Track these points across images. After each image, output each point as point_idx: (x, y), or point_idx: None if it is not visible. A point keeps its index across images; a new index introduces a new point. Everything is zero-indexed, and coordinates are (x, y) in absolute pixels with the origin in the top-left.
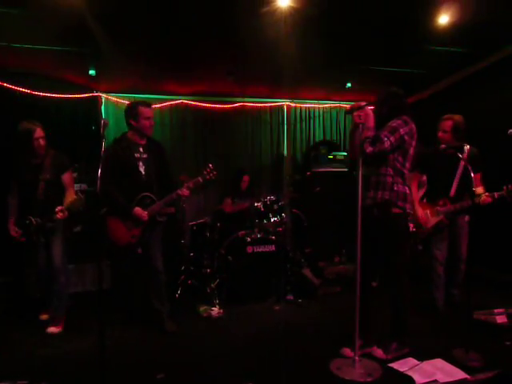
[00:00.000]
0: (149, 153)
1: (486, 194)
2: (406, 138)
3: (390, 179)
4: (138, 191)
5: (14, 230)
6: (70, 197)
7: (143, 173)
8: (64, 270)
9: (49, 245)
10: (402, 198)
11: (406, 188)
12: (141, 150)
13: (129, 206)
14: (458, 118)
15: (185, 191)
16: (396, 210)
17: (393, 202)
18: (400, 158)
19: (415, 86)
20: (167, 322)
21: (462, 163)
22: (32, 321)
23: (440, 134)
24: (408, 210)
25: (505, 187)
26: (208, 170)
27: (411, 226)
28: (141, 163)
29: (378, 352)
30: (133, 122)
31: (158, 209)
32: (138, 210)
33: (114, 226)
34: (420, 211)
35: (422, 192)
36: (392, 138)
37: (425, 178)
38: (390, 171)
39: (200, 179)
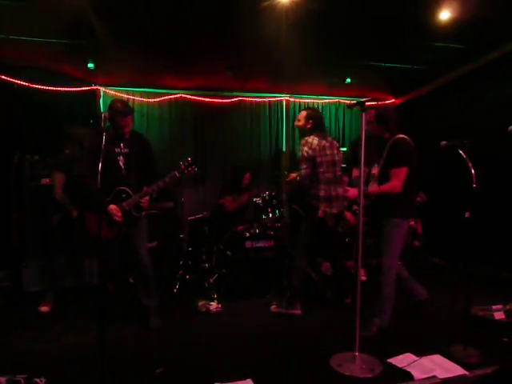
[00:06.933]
0: (131, 147)
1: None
2: None
3: None
4: (116, 186)
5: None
6: None
7: (123, 167)
8: None
9: None
10: None
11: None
12: (122, 145)
13: (104, 203)
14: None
15: (144, 199)
16: None
17: None
18: None
19: (414, 82)
20: (152, 318)
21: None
22: (30, 315)
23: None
24: None
25: None
26: (186, 163)
27: None
28: (121, 158)
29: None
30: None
31: (133, 203)
32: (112, 207)
33: (91, 220)
34: None
35: None
36: None
37: None
38: None
39: (176, 174)
